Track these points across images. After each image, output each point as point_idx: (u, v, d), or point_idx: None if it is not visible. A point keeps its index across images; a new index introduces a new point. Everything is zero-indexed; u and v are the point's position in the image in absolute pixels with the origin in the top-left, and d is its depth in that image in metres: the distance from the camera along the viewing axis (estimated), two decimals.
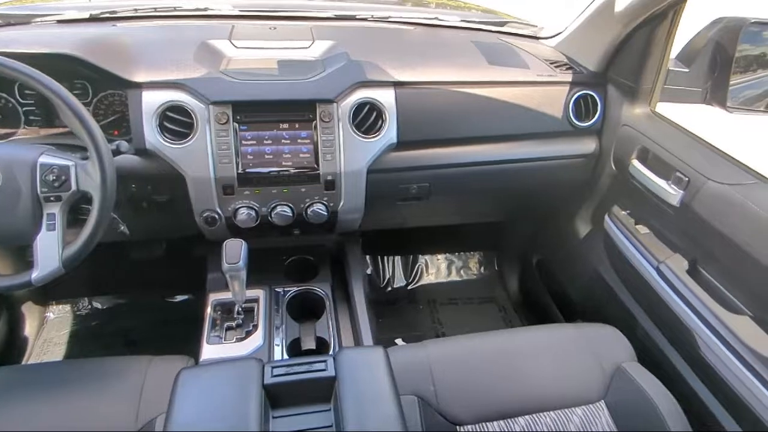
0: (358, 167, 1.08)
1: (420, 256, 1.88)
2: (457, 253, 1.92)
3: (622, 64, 1.18)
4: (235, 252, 0.92)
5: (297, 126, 1.03)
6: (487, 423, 0.89)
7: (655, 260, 1.07)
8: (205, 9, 1.34)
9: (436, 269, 1.88)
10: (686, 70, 1.14)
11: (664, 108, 1.21)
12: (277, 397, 0.72)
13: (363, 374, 0.74)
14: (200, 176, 1.01)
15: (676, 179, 1.03)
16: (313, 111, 1.03)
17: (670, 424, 0.86)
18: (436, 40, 1.33)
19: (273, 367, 0.74)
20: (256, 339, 1.01)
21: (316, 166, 1.05)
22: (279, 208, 1.06)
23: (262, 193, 1.05)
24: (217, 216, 1.05)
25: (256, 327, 1.04)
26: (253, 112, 1.01)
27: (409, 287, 1.83)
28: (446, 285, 1.86)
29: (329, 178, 1.06)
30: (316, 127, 1.03)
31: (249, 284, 1.11)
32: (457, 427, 0.89)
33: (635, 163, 1.14)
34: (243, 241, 0.94)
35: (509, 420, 0.90)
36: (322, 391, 0.73)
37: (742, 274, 0.93)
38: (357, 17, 1.44)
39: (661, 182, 1.06)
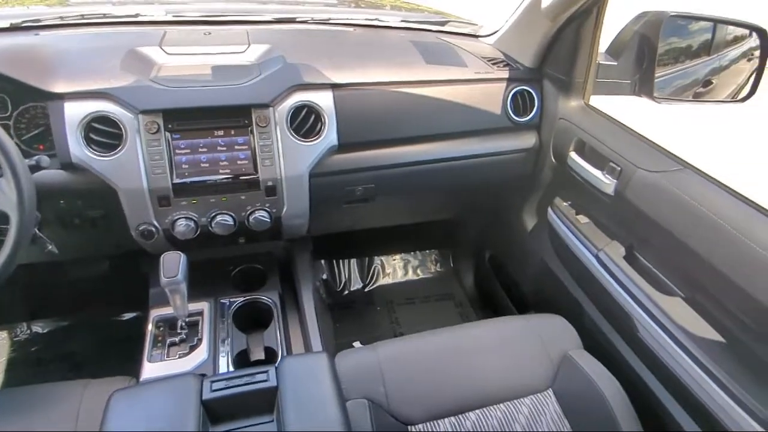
0: (299, 171, 1.06)
1: (376, 257, 1.88)
2: (412, 253, 1.93)
3: (555, 59, 1.21)
4: (173, 265, 0.88)
5: (233, 132, 1.01)
6: (438, 421, 0.90)
7: (595, 248, 1.10)
8: (136, 15, 1.29)
9: (393, 270, 1.88)
10: (615, 63, 1.19)
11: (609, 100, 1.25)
12: (216, 412, 0.70)
13: (305, 382, 0.73)
14: (133, 188, 0.97)
15: (610, 169, 1.06)
16: (248, 116, 1.01)
17: (614, 408, 0.89)
18: (375, 41, 1.33)
19: (212, 382, 0.72)
20: (200, 353, 0.98)
21: (255, 172, 1.03)
22: (219, 218, 1.03)
23: (200, 202, 1.02)
24: (154, 229, 1.02)
25: (200, 341, 1.01)
26: (185, 119, 0.98)
27: (366, 289, 1.83)
28: (403, 285, 1.86)
29: (270, 184, 1.04)
30: (252, 132, 1.01)
31: (193, 297, 1.08)
32: (409, 427, 0.89)
33: (573, 155, 1.18)
34: (181, 254, 0.91)
35: (460, 416, 0.91)
36: (264, 403, 0.72)
37: (672, 258, 0.97)
38: (297, 20, 1.42)
39: (597, 172, 1.09)
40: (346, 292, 1.80)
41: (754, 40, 1.15)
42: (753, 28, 1.12)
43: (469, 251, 1.84)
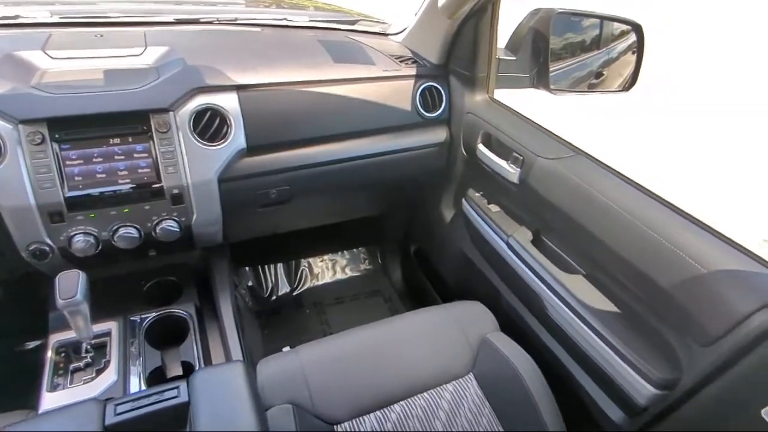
0: (207, 177, 1.02)
1: (302, 260, 1.86)
2: (340, 252, 1.93)
3: (459, 56, 1.26)
4: (69, 285, 0.82)
5: (131, 140, 0.95)
6: (364, 417, 0.90)
7: (505, 235, 1.15)
8: (16, 17, 1.19)
9: (321, 271, 1.87)
10: (514, 58, 1.25)
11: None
12: None
13: (219, 394, 0.71)
14: (18, 206, 0.89)
15: (514, 159, 1.12)
16: (147, 122, 0.96)
17: (529, 384, 0.94)
18: (282, 41, 1.31)
19: (116, 405, 0.68)
20: (109, 376, 0.92)
21: (158, 180, 0.98)
22: (122, 230, 0.97)
23: (99, 216, 0.95)
24: (47, 248, 0.94)
25: (108, 363, 0.94)
26: (75, 128, 0.91)
27: (295, 293, 1.80)
28: (332, 285, 1.85)
29: (176, 191, 0.99)
30: (153, 139, 0.96)
31: (99, 317, 1.01)
32: (335, 426, 0.89)
33: (481, 147, 1.23)
34: (80, 272, 0.84)
35: (385, 409, 0.92)
36: (176, 420, 0.69)
37: (572, 239, 1.03)
38: (201, 21, 1.37)
39: (503, 163, 1.15)
40: (274, 297, 1.76)
41: (634, 35, 1.26)
42: (630, 24, 1.23)
43: (396, 247, 1.87)
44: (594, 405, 0.98)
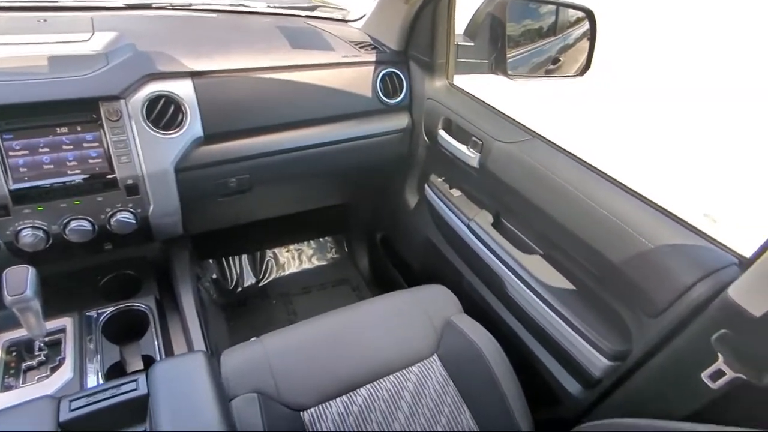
0: (163, 167, 1.00)
1: (267, 251, 1.84)
2: (305, 242, 1.92)
3: (418, 41, 1.26)
4: (18, 281, 0.79)
5: (79, 129, 0.92)
6: (330, 402, 0.91)
7: (466, 218, 1.17)
8: None
9: (286, 261, 1.85)
10: (472, 44, 1.26)
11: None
12: None
13: (180, 385, 0.70)
14: None
15: (473, 143, 1.13)
16: (96, 110, 0.92)
17: (492, 363, 0.96)
18: (237, 27, 1.28)
19: (71, 401, 0.66)
20: (64, 373, 0.89)
21: (111, 171, 0.94)
22: (74, 224, 0.93)
23: (48, 209, 0.91)
24: None
25: (63, 360, 0.91)
26: (18, 117, 0.87)
27: (260, 284, 1.78)
28: (298, 275, 1.84)
29: (130, 182, 0.96)
30: (103, 127, 0.93)
31: (53, 313, 0.98)
32: (301, 413, 0.89)
33: (441, 132, 1.24)
34: (29, 267, 0.81)
35: (351, 393, 0.93)
36: (135, 413, 0.67)
37: (530, 219, 1.06)
38: (153, 6, 1.32)
39: (463, 147, 1.16)
40: (239, 289, 1.74)
41: (588, 21, 1.29)
42: (583, 10, 1.26)
43: (362, 235, 1.87)
44: (553, 379, 1.01)
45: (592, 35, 1.25)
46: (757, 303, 0.58)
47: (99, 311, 1.03)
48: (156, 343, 1.00)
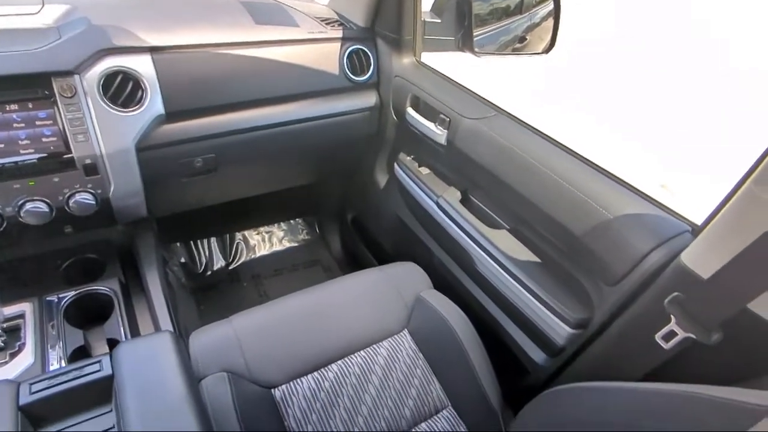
0: (123, 146, 0.97)
1: (236, 233, 1.81)
2: (276, 224, 1.90)
3: (385, 18, 1.25)
4: None
5: (31, 106, 0.88)
6: (301, 378, 0.91)
7: (435, 196, 1.18)
8: None
9: (257, 243, 1.83)
10: (439, 20, 1.26)
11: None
12: (40, 415, 0.63)
13: (146, 364, 0.69)
14: None
15: (441, 120, 1.14)
16: (48, 86, 0.88)
17: (460, 335, 0.99)
18: (200, 1, 1.24)
19: (31, 384, 0.64)
20: (25, 358, 0.87)
21: (67, 150, 0.91)
22: (29, 205, 0.90)
23: (1, 189, 0.88)
24: None
25: (23, 346, 0.89)
26: None
27: (230, 267, 1.76)
28: (269, 257, 1.83)
29: (88, 162, 0.93)
30: (57, 104, 0.89)
31: (11, 299, 0.95)
32: (272, 390, 0.89)
33: (409, 110, 1.24)
34: None
35: (322, 370, 0.93)
36: (100, 394, 0.66)
37: (496, 195, 1.08)
38: None
39: (431, 125, 1.17)
40: (209, 272, 1.72)
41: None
42: None
43: (333, 216, 1.87)
44: (519, 350, 1.04)
45: (556, 14, 1.26)
46: (706, 266, 0.61)
47: (60, 296, 1.00)
48: (121, 326, 0.98)
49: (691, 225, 0.75)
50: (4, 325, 0.89)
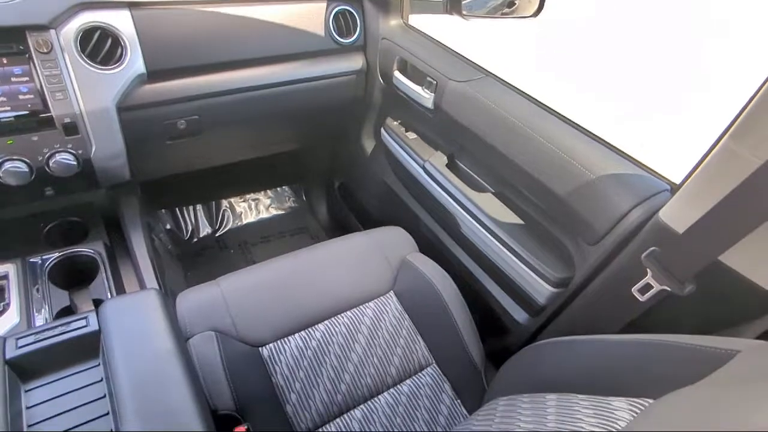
0: (103, 105, 0.95)
1: (223, 200, 1.80)
2: (263, 192, 1.89)
3: None
4: None
5: (5, 61, 0.85)
6: (288, 338, 0.93)
7: (422, 160, 1.18)
8: None
9: (243, 211, 1.82)
10: None
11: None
12: (28, 369, 0.63)
13: (133, 320, 0.69)
14: None
15: (428, 84, 1.13)
16: (23, 41, 0.86)
17: (444, 296, 1.00)
18: None
19: (17, 339, 0.64)
20: (10, 318, 0.87)
21: (45, 108, 0.89)
22: (8, 165, 0.88)
23: None
24: None
25: (8, 306, 0.89)
26: None
27: (217, 234, 1.75)
28: (256, 224, 1.83)
29: (68, 120, 0.91)
30: (33, 60, 0.87)
31: None
32: (260, 348, 0.91)
33: (397, 74, 1.22)
34: None
35: (310, 329, 0.95)
36: (87, 349, 0.67)
37: (482, 158, 1.08)
38: None
39: (417, 88, 1.16)
40: (195, 239, 1.71)
41: None
42: None
43: (320, 183, 1.86)
44: (502, 310, 1.07)
45: None
46: (682, 221, 0.62)
47: (44, 257, 1.00)
48: (107, 286, 0.98)
49: (671, 184, 0.76)
50: None
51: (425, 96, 1.13)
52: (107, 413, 0.60)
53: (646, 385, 0.53)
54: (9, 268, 0.95)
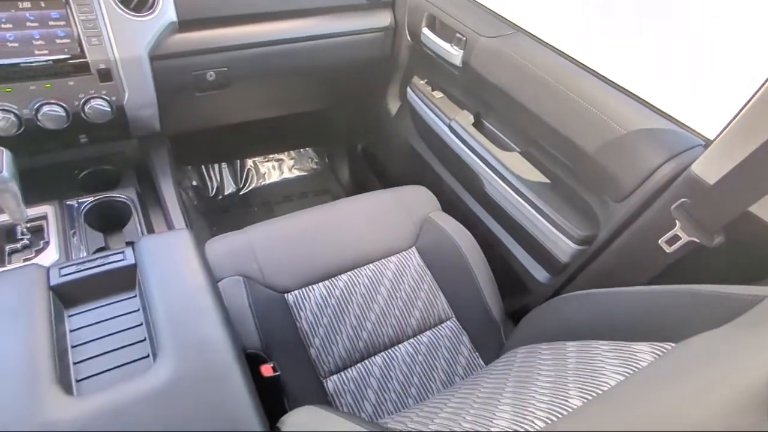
0: (136, 52, 0.96)
1: (247, 160, 1.82)
2: (286, 153, 1.91)
3: None
4: None
5: (43, 4, 0.87)
6: (313, 286, 0.95)
7: (447, 119, 1.18)
8: None
9: (267, 171, 1.85)
10: None
11: None
12: (70, 296, 0.66)
13: (166, 255, 0.72)
14: None
15: (457, 40, 1.11)
16: None
17: (466, 253, 1.01)
18: None
19: (60, 268, 0.68)
20: (50, 254, 0.91)
21: (81, 53, 0.90)
22: (46, 108, 0.91)
23: (17, 90, 0.88)
24: None
25: (47, 243, 0.92)
26: None
27: (242, 192, 1.78)
28: (279, 185, 1.85)
29: (102, 66, 0.93)
30: (69, 4, 0.88)
31: (33, 202, 0.97)
32: (285, 295, 0.93)
33: (425, 30, 1.21)
34: (3, 149, 0.79)
35: (333, 279, 0.97)
36: (124, 281, 0.70)
37: (510, 117, 1.07)
38: None
39: (446, 45, 1.14)
40: (220, 197, 1.74)
41: None
42: None
43: (343, 146, 1.87)
44: (522, 269, 1.08)
45: None
46: (713, 173, 0.62)
47: (80, 200, 1.03)
48: (139, 230, 1.02)
49: (705, 140, 0.75)
50: (28, 225, 0.93)
51: (454, 53, 1.12)
52: (144, 339, 0.63)
53: (669, 330, 0.54)
54: (48, 209, 0.98)
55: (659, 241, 0.69)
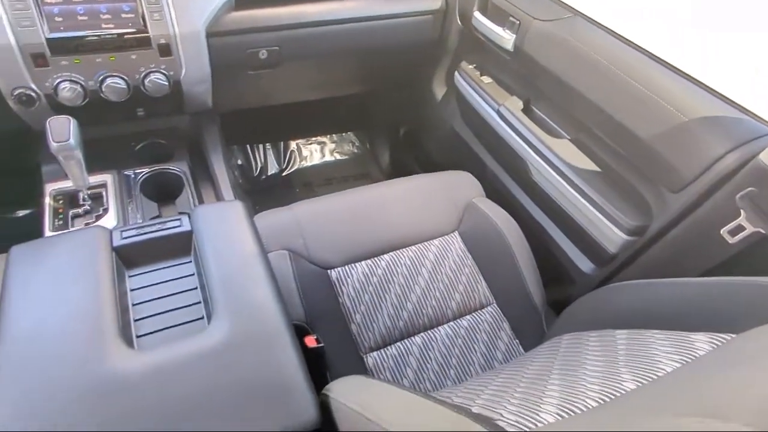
0: (194, 28, 0.99)
1: (291, 142, 1.85)
2: (328, 136, 1.93)
3: None
4: (62, 129, 0.82)
5: None
6: (355, 264, 0.96)
7: (496, 104, 1.16)
8: None
9: (309, 153, 1.87)
10: None
11: None
12: (130, 257, 0.70)
13: (221, 224, 0.74)
14: None
15: (510, 24, 1.09)
16: None
17: (509, 240, 1.00)
18: None
19: (122, 231, 0.71)
20: (109, 221, 0.95)
21: (144, 27, 0.94)
22: (109, 80, 0.95)
23: (85, 62, 0.92)
24: (34, 94, 0.92)
25: (107, 210, 0.97)
26: None
27: (284, 173, 1.82)
28: (321, 167, 1.87)
29: (163, 41, 0.96)
30: None
31: (93, 170, 1.02)
32: (328, 271, 0.95)
33: (477, 14, 1.19)
34: (70, 118, 0.84)
35: (375, 258, 0.98)
36: (180, 246, 0.72)
37: (561, 103, 1.05)
38: None
39: (498, 29, 1.12)
40: (264, 177, 1.78)
41: None
42: None
43: (385, 131, 1.87)
44: (567, 259, 1.06)
45: None
46: None
47: (136, 171, 1.08)
48: (191, 202, 1.05)
49: None
50: (89, 192, 0.97)
51: (506, 37, 1.10)
52: (199, 302, 0.66)
53: (729, 322, 0.52)
54: (107, 178, 1.03)
55: (722, 231, 0.67)
